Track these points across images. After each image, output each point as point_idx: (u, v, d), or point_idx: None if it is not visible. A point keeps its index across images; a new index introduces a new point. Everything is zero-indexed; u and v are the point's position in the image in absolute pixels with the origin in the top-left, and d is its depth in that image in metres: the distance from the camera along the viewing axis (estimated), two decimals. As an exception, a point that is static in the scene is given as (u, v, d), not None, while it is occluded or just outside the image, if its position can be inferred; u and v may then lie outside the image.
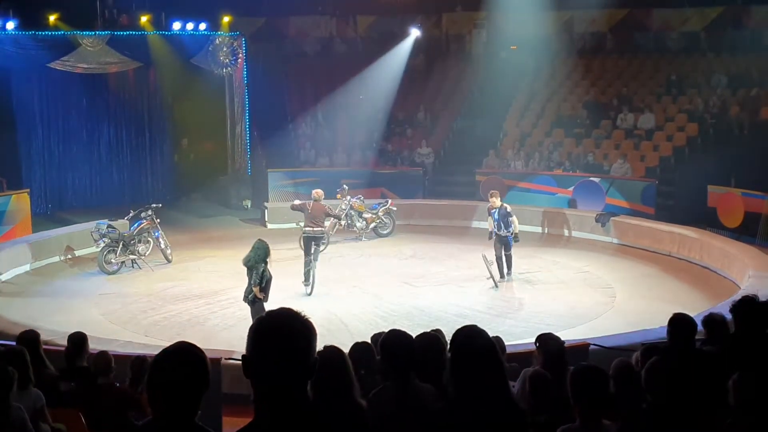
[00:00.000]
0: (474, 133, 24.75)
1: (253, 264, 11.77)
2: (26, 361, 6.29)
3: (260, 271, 11.67)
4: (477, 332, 3.79)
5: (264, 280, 11.66)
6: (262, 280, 11.64)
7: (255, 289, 11.67)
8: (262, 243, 11.97)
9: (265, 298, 11.76)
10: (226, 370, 8.69)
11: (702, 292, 14.94)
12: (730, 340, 6.32)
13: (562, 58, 25.25)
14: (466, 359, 3.66)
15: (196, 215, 22.80)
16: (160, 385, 2.93)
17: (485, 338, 3.75)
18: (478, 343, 3.71)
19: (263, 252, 11.77)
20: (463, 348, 3.72)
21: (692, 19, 25.54)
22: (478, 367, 3.62)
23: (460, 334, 3.80)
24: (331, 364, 3.98)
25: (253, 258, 11.79)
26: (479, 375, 3.60)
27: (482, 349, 3.68)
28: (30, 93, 22.35)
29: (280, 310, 2.71)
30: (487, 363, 3.63)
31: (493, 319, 13.08)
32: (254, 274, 11.72)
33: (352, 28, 28.46)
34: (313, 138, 25.13)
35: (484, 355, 3.65)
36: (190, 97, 23.90)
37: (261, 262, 11.72)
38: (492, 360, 3.66)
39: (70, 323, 11.76)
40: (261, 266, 11.70)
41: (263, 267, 11.70)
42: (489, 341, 3.75)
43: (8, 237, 18.15)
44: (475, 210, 20.77)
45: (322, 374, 4.08)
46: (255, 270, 11.71)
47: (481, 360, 3.63)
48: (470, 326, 3.86)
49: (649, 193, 20.03)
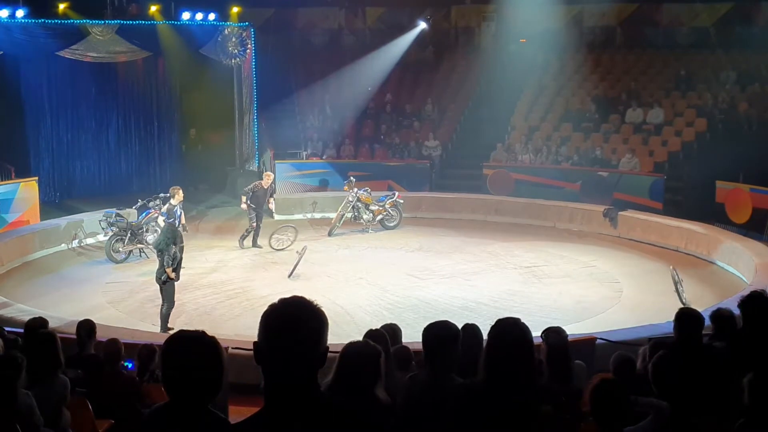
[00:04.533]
0: (482, 127, 24.72)
1: (163, 247, 12.33)
2: (57, 344, 6.35)
3: (171, 253, 12.21)
4: (514, 323, 3.92)
5: (175, 261, 12.26)
6: (173, 261, 12.20)
7: (167, 270, 12.19)
8: (169, 227, 13.00)
9: (177, 278, 12.42)
10: (232, 360, 8.70)
11: (709, 288, 14.91)
12: (738, 335, 6.31)
13: (571, 52, 25.19)
14: (501, 347, 3.79)
15: (204, 205, 22.85)
16: (174, 372, 2.94)
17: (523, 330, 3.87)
18: (515, 333, 3.83)
19: (171, 235, 12.45)
20: (499, 337, 3.84)
21: (702, 15, 25.48)
22: (511, 355, 3.75)
23: (499, 324, 3.94)
24: (357, 361, 4.05)
25: (163, 241, 12.44)
26: (511, 363, 3.74)
27: (519, 340, 3.81)
28: (39, 81, 22.42)
29: (293, 298, 2.71)
30: (519, 353, 3.77)
31: (499, 313, 13.03)
32: (165, 257, 12.24)
33: (361, 19, 28.44)
34: (321, 129, 25.13)
35: (518, 346, 3.78)
36: (198, 88, 23.94)
37: (171, 244, 12.28)
38: (525, 351, 3.79)
39: (77, 311, 11.84)
40: (172, 248, 12.25)
41: (174, 249, 12.26)
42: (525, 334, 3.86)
43: (16, 225, 18.22)
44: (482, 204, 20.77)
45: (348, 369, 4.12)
46: (166, 252, 12.25)
47: (515, 350, 3.77)
48: (512, 318, 4.01)
49: (657, 188, 19.98)
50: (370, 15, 28.37)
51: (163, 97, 24.65)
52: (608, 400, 4.48)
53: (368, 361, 4.13)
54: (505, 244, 18.29)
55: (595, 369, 7.71)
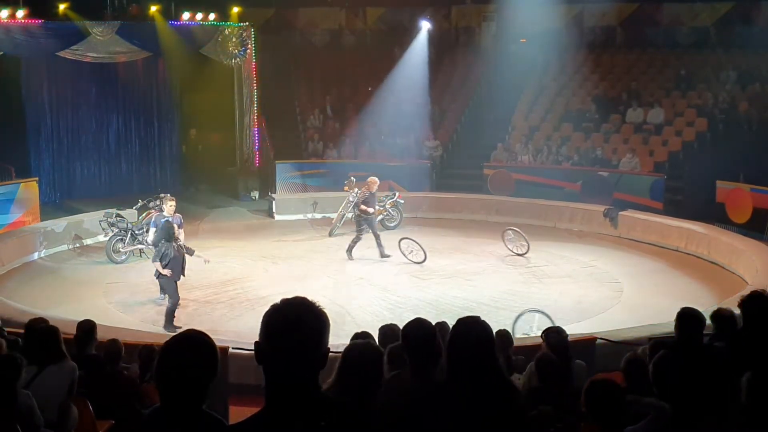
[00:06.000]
0: (482, 127, 24.72)
1: (156, 241, 13.02)
2: (60, 337, 6.64)
3: (161, 250, 12.52)
4: (475, 322, 3.98)
5: (166, 258, 12.45)
6: (163, 257, 12.45)
7: (156, 264, 12.56)
8: (166, 224, 13.20)
9: (175, 276, 12.61)
10: (233, 360, 8.71)
11: (709, 288, 14.91)
12: (739, 335, 6.31)
13: (572, 52, 25.17)
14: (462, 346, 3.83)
15: (204, 206, 22.84)
16: (169, 372, 2.95)
17: (484, 328, 3.93)
18: (475, 331, 3.89)
19: (165, 232, 12.80)
20: (460, 336, 3.89)
21: (702, 15, 25.47)
22: (472, 354, 3.81)
23: (460, 322, 4.00)
24: (360, 361, 4.06)
25: (156, 237, 13.13)
26: (472, 361, 3.80)
27: (478, 338, 3.87)
28: (39, 82, 22.40)
29: (294, 299, 2.71)
30: (481, 351, 3.83)
31: (499, 313, 13.05)
32: (155, 251, 12.85)
33: (362, 19, 28.44)
34: (321, 130, 25.12)
35: (479, 345, 3.84)
36: (198, 88, 23.91)
37: (161, 240, 12.69)
38: (486, 349, 3.86)
39: (78, 311, 11.81)
40: (163, 244, 12.59)
41: (166, 245, 12.53)
42: (486, 332, 3.92)
43: (17, 225, 18.22)
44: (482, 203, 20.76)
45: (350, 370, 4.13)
46: (156, 248, 12.90)
47: (476, 348, 3.82)
48: (471, 316, 4.07)
49: (658, 188, 19.98)
50: (371, 15, 28.37)
51: (164, 98, 24.63)
52: (603, 400, 4.49)
53: (370, 361, 4.13)
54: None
55: (595, 369, 7.73)
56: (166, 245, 12.54)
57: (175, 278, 12.64)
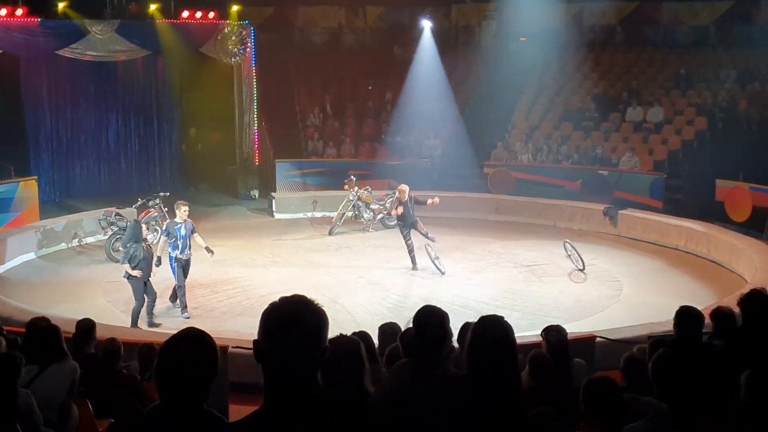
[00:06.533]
0: (482, 126, 24.69)
1: (125, 243, 12.92)
2: (61, 336, 6.68)
3: (130, 251, 12.50)
4: (495, 321, 3.96)
5: (135, 259, 12.42)
6: (132, 259, 12.42)
7: (125, 266, 12.50)
8: (133, 223, 13.40)
9: (144, 276, 12.55)
10: (233, 359, 8.71)
11: (709, 286, 14.90)
12: (738, 333, 6.31)
13: (572, 50, 25.16)
14: (478, 344, 3.81)
15: (204, 205, 22.77)
16: (169, 371, 2.95)
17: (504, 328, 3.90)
18: (498, 332, 3.86)
19: (131, 233, 12.80)
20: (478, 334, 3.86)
21: (702, 13, 25.47)
22: (489, 352, 3.77)
23: (480, 321, 3.98)
24: (341, 355, 4.01)
25: (124, 239, 13.13)
26: (489, 360, 3.75)
27: (500, 338, 3.84)
28: (38, 80, 22.40)
29: (293, 297, 2.71)
30: (497, 350, 3.78)
31: (499, 311, 12.98)
32: (123, 253, 12.82)
33: (361, 18, 28.41)
34: (321, 128, 25.11)
35: (500, 344, 3.80)
36: (198, 87, 23.90)
37: (130, 242, 12.61)
38: (504, 349, 3.81)
39: (77, 310, 11.81)
40: (131, 245, 12.52)
41: (134, 246, 12.48)
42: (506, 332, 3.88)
43: (16, 224, 18.21)
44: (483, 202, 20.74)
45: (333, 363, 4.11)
46: (124, 249, 12.82)
47: (493, 347, 3.78)
48: (493, 315, 4.04)
49: (657, 186, 19.98)
50: (371, 14, 28.34)
51: (163, 96, 24.62)
52: (600, 398, 4.49)
53: (345, 355, 4.10)
54: (506, 242, 18.29)
55: (595, 367, 7.72)
56: (135, 246, 12.49)
57: (145, 278, 12.61)
